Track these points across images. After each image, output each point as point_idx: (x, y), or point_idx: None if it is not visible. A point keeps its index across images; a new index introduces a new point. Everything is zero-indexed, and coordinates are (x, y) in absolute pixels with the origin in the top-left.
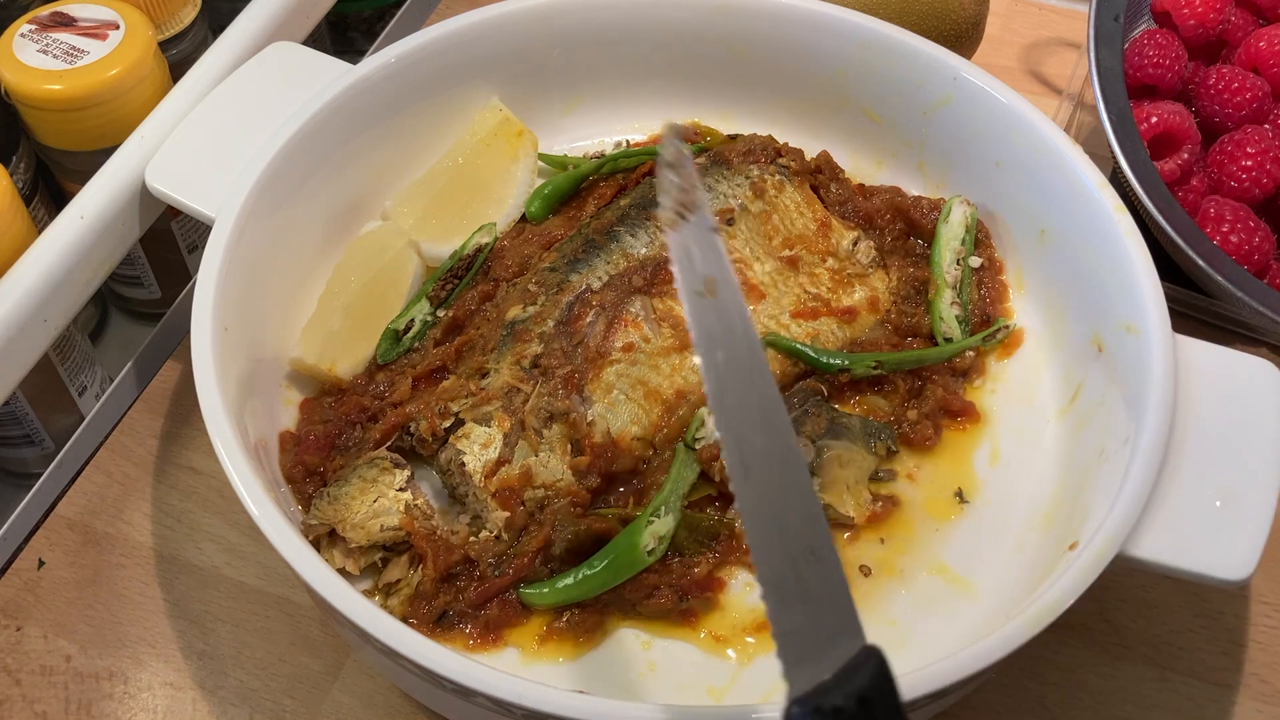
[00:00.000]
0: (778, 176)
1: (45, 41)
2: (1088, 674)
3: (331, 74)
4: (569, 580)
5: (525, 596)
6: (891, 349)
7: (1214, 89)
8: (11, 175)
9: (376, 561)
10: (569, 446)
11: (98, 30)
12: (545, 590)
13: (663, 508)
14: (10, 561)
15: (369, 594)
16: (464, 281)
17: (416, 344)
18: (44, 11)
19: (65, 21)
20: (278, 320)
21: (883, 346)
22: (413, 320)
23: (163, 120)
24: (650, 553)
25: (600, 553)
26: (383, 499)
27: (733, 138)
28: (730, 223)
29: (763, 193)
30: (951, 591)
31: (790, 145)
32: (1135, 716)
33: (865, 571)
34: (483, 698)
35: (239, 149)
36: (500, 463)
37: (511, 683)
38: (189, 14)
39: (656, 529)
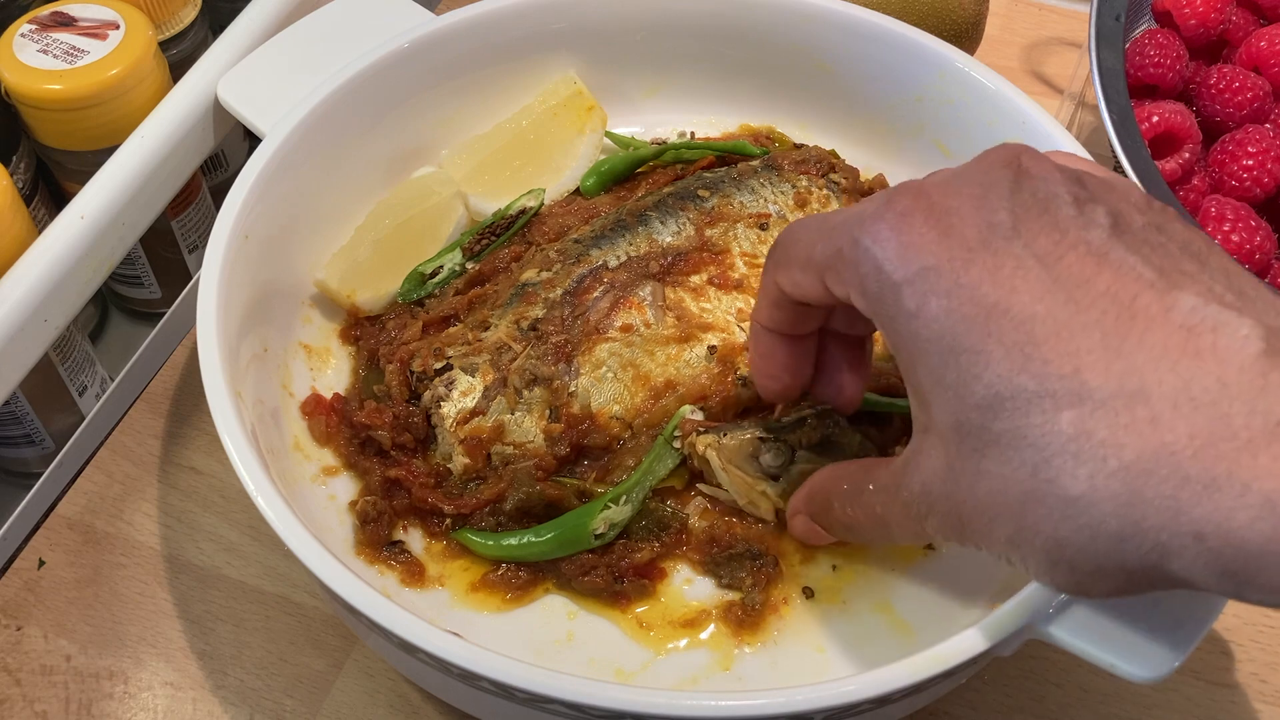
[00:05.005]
0: (825, 190)
1: (45, 41)
2: (1088, 674)
3: (415, 19)
4: (512, 541)
5: (466, 539)
6: (899, 380)
7: (1215, 88)
8: (11, 175)
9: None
10: (547, 412)
11: (98, 30)
12: (489, 542)
13: (624, 496)
14: (10, 561)
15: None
16: (500, 239)
17: (437, 290)
18: (44, 11)
19: (65, 21)
20: (315, 246)
21: (890, 379)
22: (441, 266)
23: (166, 117)
24: (598, 536)
25: (550, 523)
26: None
27: (798, 147)
28: (764, 228)
29: (805, 204)
30: (890, 633)
31: (850, 164)
32: (1135, 716)
33: (808, 593)
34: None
35: (311, 77)
36: (475, 413)
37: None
38: (189, 14)
39: (611, 515)
